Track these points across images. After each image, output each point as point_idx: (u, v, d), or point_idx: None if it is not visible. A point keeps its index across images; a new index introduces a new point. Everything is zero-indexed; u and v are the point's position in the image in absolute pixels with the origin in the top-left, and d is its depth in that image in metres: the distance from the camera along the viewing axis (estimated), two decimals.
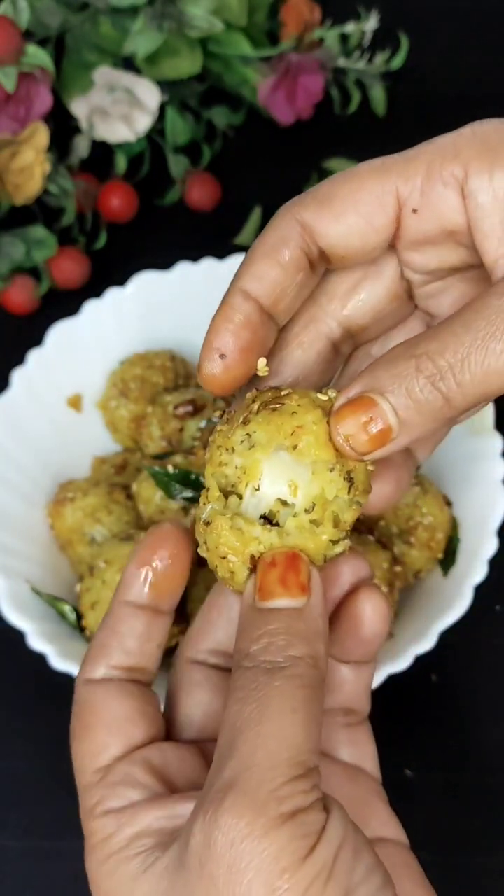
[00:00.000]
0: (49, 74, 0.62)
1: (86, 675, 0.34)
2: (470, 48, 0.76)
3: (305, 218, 0.34)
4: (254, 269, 0.34)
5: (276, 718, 0.28)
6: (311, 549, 0.31)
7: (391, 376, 0.30)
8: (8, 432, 0.55)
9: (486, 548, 0.50)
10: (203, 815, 0.27)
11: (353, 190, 0.34)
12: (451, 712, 0.54)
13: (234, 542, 0.32)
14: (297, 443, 0.31)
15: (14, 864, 0.51)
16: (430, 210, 0.33)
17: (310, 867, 0.26)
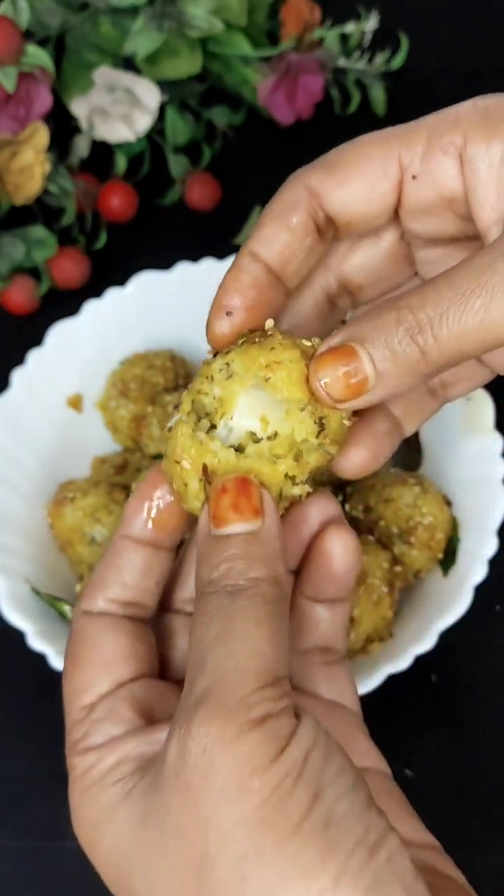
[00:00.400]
0: (49, 74, 0.62)
1: (83, 607, 0.34)
2: (470, 48, 0.76)
3: (312, 183, 0.35)
4: (263, 233, 0.35)
5: (242, 633, 0.29)
6: (266, 476, 0.32)
7: (372, 327, 0.31)
8: (8, 432, 0.55)
9: (487, 548, 0.50)
10: (178, 730, 0.28)
11: (357, 157, 0.35)
12: (451, 712, 0.54)
13: (190, 448, 0.32)
14: (270, 375, 0.32)
15: (14, 865, 0.51)
16: (429, 177, 0.34)
17: (279, 767, 0.27)
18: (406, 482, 0.52)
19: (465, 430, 0.54)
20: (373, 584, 0.49)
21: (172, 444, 0.33)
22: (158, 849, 0.28)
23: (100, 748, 0.32)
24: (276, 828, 0.26)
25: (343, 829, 0.27)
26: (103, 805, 0.30)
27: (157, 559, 0.35)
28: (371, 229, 0.37)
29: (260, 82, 0.69)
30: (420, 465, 0.56)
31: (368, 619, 0.49)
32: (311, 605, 0.37)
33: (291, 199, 0.35)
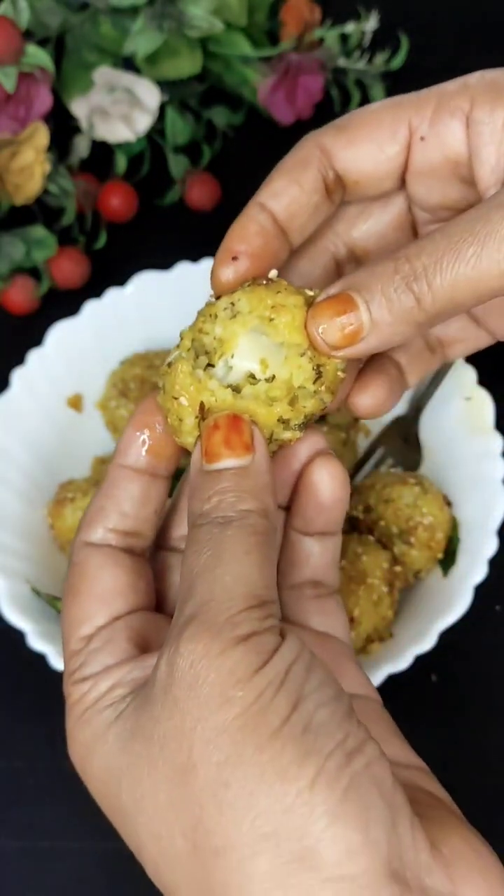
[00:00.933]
0: (49, 74, 0.62)
1: (83, 537, 0.35)
2: (470, 48, 0.76)
3: (324, 142, 0.36)
4: (273, 186, 0.37)
5: (230, 560, 0.30)
6: (260, 417, 0.33)
7: (369, 275, 0.32)
8: (8, 432, 0.55)
9: (487, 548, 0.50)
10: (167, 649, 0.29)
11: (369, 119, 0.36)
12: (451, 712, 0.54)
13: (188, 385, 0.33)
14: (274, 317, 0.33)
15: (14, 864, 0.51)
16: (436, 138, 0.36)
17: (261, 678, 0.28)
18: (406, 482, 0.52)
19: (466, 430, 0.54)
20: (373, 584, 0.49)
21: (171, 379, 0.33)
22: (146, 760, 0.29)
23: (95, 676, 0.33)
24: (255, 734, 0.27)
25: (321, 734, 0.28)
26: (96, 727, 0.32)
27: (155, 487, 0.35)
28: (379, 192, 0.38)
29: (260, 82, 0.69)
30: (420, 465, 0.56)
31: (368, 619, 0.49)
32: (301, 538, 0.38)
33: (303, 155, 0.36)
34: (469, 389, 0.55)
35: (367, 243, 0.39)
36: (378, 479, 0.53)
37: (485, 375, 0.55)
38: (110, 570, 0.34)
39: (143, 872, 0.49)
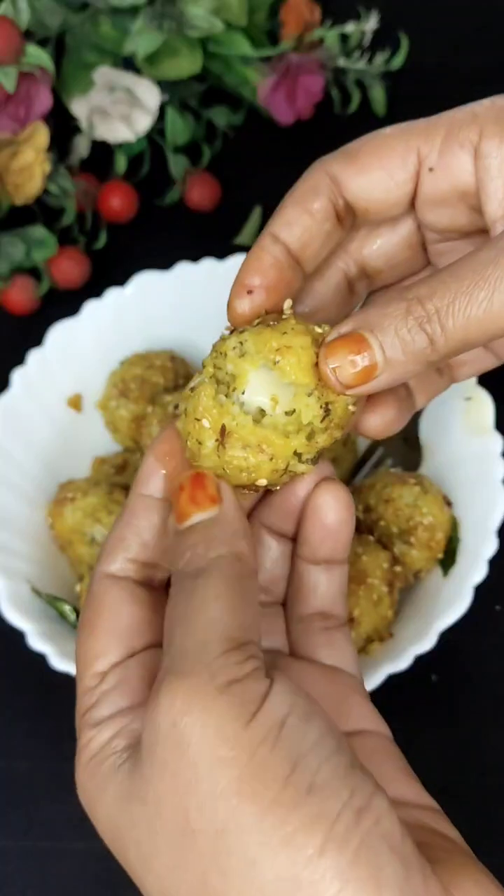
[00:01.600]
0: (49, 74, 0.62)
1: (103, 568, 0.35)
2: (470, 48, 0.76)
3: (334, 170, 0.37)
4: (284, 216, 0.37)
5: (200, 607, 0.30)
6: (278, 448, 0.33)
7: (382, 315, 0.32)
8: (8, 432, 0.55)
9: (487, 548, 0.50)
10: (150, 706, 0.28)
11: (378, 147, 0.37)
12: (452, 712, 0.54)
13: (211, 409, 0.33)
14: (279, 359, 0.33)
15: (14, 865, 0.51)
16: (445, 170, 0.36)
17: (252, 733, 0.27)
18: (406, 482, 0.52)
19: (466, 430, 0.54)
20: (373, 584, 0.49)
21: (194, 402, 0.34)
22: (144, 823, 0.28)
23: (103, 721, 0.32)
24: (255, 799, 0.26)
25: (327, 794, 0.26)
26: (99, 778, 0.31)
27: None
28: (388, 218, 0.38)
29: (260, 82, 0.69)
30: (420, 465, 0.56)
31: (368, 619, 0.49)
32: (308, 568, 0.38)
33: (313, 184, 0.37)
34: (469, 390, 0.55)
35: (379, 262, 0.39)
36: (378, 479, 0.53)
37: (485, 376, 0.55)
38: (128, 605, 0.34)
39: None
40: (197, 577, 0.31)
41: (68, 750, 0.53)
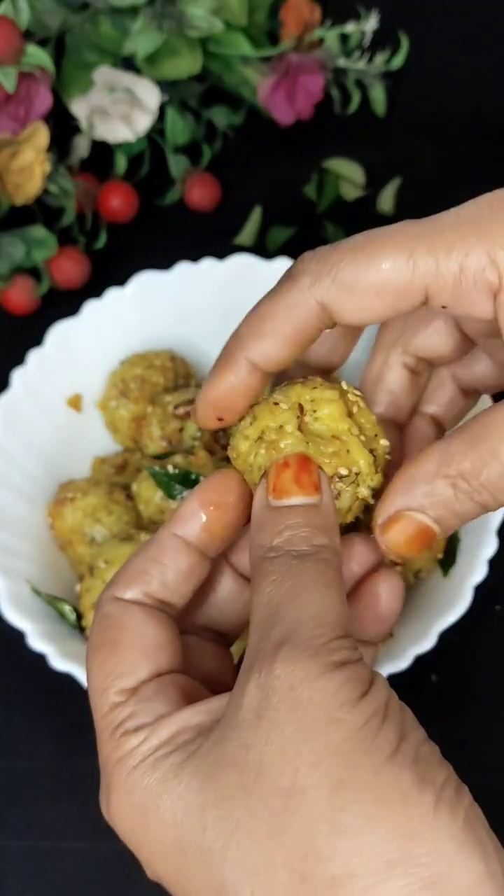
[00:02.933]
0: (49, 74, 0.62)
1: (115, 593, 0.34)
2: (470, 48, 0.76)
3: (327, 302, 0.33)
4: (264, 344, 0.34)
5: (314, 591, 0.30)
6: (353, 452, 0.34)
7: (430, 498, 0.33)
8: (8, 432, 0.55)
9: (487, 548, 0.50)
10: (256, 674, 0.28)
11: (378, 281, 0.32)
12: (451, 712, 0.54)
13: (270, 421, 0.34)
14: (316, 409, 0.35)
15: (14, 864, 0.51)
16: (460, 308, 0.33)
17: (366, 705, 0.28)
18: None
19: None
20: None
21: (258, 412, 0.35)
22: (239, 790, 0.28)
23: (150, 726, 0.31)
24: (369, 756, 0.27)
25: (431, 767, 0.28)
26: (163, 772, 0.29)
27: (201, 566, 0.35)
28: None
29: (260, 82, 0.69)
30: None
31: None
32: None
33: (300, 320, 0.34)
34: None
35: (429, 354, 0.39)
36: None
37: None
38: (149, 623, 0.33)
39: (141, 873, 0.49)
40: (304, 560, 0.31)
41: (68, 750, 0.53)
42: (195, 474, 0.51)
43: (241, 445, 0.35)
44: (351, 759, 0.27)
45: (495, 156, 0.71)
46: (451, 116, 0.73)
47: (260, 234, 0.69)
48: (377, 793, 0.26)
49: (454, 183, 0.70)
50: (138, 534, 0.50)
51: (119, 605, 0.33)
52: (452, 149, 0.72)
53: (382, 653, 0.49)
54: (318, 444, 0.34)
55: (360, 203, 0.70)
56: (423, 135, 0.72)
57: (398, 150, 0.72)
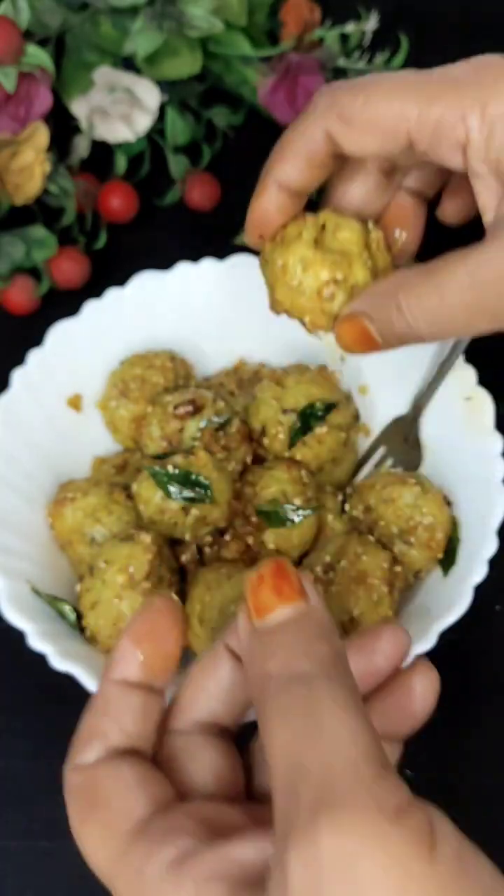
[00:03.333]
0: (49, 74, 0.62)
1: (75, 762, 0.32)
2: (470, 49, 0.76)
3: (332, 131, 0.41)
4: (287, 166, 0.43)
5: (334, 723, 0.26)
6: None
7: (378, 312, 0.42)
8: (8, 432, 0.55)
9: (487, 548, 0.50)
10: (298, 848, 0.24)
11: (371, 119, 0.40)
12: (451, 712, 0.54)
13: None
14: (337, 230, 0.43)
15: (14, 865, 0.51)
16: (437, 156, 0.41)
17: (441, 869, 0.24)
18: (406, 482, 0.52)
19: (466, 430, 0.54)
20: (373, 584, 0.49)
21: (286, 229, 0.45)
22: None
23: (182, 864, 0.27)
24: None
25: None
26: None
27: (153, 702, 0.32)
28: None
29: (260, 82, 0.69)
30: (420, 465, 0.57)
31: (369, 619, 0.49)
32: None
33: (312, 142, 0.42)
34: (469, 390, 0.55)
35: (402, 160, 0.45)
36: (378, 479, 0.53)
37: (485, 376, 0.56)
38: (126, 768, 0.31)
39: None
40: (310, 683, 0.27)
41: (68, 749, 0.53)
42: (195, 474, 0.51)
43: (265, 248, 0.45)
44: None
45: None
46: None
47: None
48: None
49: None
50: (138, 534, 0.50)
51: (82, 771, 0.32)
52: None
53: None
54: (324, 252, 0.43)
55: None
56: None
57: None
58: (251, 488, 0.53)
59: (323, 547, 0.53)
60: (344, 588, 0.49)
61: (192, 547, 0.53)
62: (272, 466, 0.54)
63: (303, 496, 0.53)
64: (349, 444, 0.57)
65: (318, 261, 0.42)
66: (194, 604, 0.50)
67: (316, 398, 0.54)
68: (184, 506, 0.51)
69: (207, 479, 0.51)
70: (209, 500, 0.51)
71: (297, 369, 0.55)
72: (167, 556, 0.51)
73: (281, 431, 0.54)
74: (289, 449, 0.54)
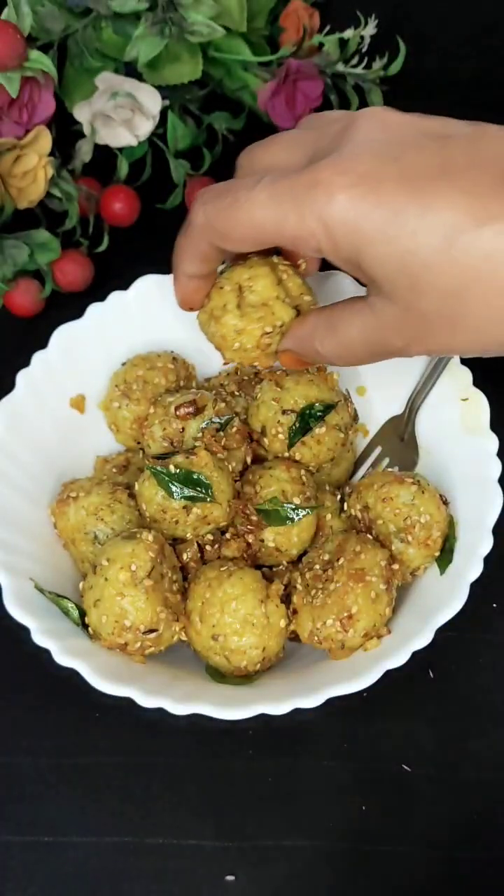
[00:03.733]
0: (52, 79, 0.62)
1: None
2: (467, 54, 0.77)
3: (214, 242, 0.48)
4: (187, 265, 0.50)
5: None
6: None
7: (301, 348, 0.50)
8: (12, 433, 0.55)
9: (483, 545, 0.50)
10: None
11: (242, 235, 0.47)
12: (449, 708, 0.54)
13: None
14: (252, 284, 0.50)
15: (17, 860, 0.51)
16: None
17: None
18: (403, 481, 0.53)
19: (462, 430, 0.55)
20: (371, 582, 0.50)
21: (212, 302, 0.51)
22: None
23: None
24: None
25: None
26: None
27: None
28: None
29: (260, 87, 0.70)
30: (417, 465, 0.57)
31: (366, 616, 0.49)
32: None
33: (200, 248, 0.49)
34: (465, 390, 0.55)
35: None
36: (376, 479, 0.54)
37: (481, 377, 0.56)
38: None
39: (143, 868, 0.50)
40: None
41: (70, 745, 0.54)
42: (196, 474, 0.51)
43: (200, 318, 0.52)
44: None
45: None
46: None
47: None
48: None
49: None
50: (140, 532, 0.51)
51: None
52: None
53: (380, 649, 0.49)
54: (249, 314, 0.50)
55: None
56: None
57: None
58: (251, 488, 0.54)
59: (322, 545, 0.53)
60: (342, 585, 0.49)
61: (194, 545, 0.53)
62: (272, 466, 0.55)
63: (302, 495, 0.53)
64: (347, 444, 0.57)
65: (247, 325, 0.50)
66: (195, 601, 0.51)
67: (315, 399, 0.54)
68: (185, 505, 0.51)
69: (208, 478, 0.51)
70: (210, 500, 0.51)
71: (295, 371, 0.56)
72: (169, 555, 0.52)
73: (280, 432, 0.54)
74: (288, 449, 0.55)
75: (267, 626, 0.50)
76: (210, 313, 0.51)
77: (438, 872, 0.51)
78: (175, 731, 0.51)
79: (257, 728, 0.49)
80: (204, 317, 0.52)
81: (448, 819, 0.52)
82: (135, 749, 0.53)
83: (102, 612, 0.49)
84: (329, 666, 0.50)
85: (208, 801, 0.52)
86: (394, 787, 0.53)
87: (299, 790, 0.52)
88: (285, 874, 0.51)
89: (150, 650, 0.50)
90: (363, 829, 0.51)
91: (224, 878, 0.51)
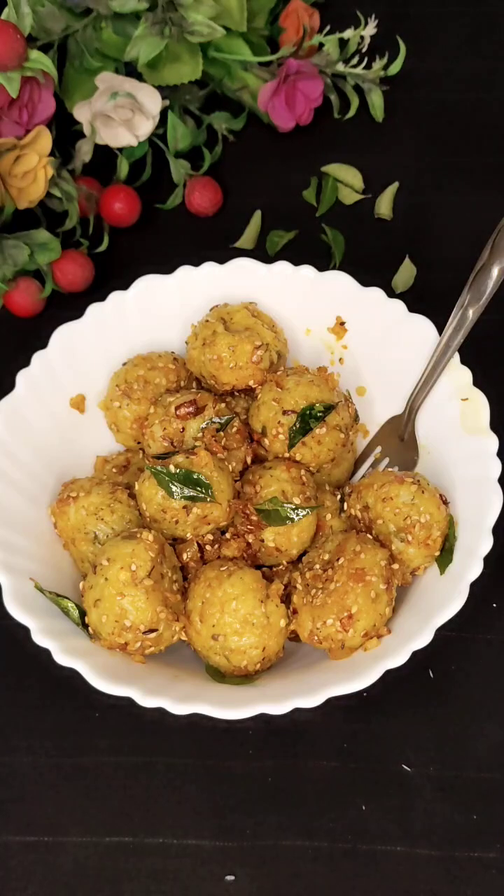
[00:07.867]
0: (52, 79, 0.62)
1: None
2: (466, 54, 0.77)
3: None
4: None
5: None
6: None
7: None
8: (13, 433, 0.55)
9: (482, 545, 0.50)
10: None
11: None
12: (448, 707, 0.54)
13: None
14: (232, 318, 0.58)
15: (16, 859, 0.51)
16: None
17: None
18: (403, 481, 0.53)
19: (462, 430, 0.55)
20: (371, 582, 0.50)
21: (202, 333, 0.57)
22: None
23: None
24: None
25: None
26: None
27: None
28: None
29: (260, 87, 0.70)
30: (417, 465, 0.57)
31: (367, 616, 0.49)
32: None
33: None
34: (465, 391, 0.55)
35: None
36: (376, 479, 0.54)
37: (480, 378, 0.56)
38: None
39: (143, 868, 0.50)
40: None
41: (70, 745, 0.54)
42: (196, 473, 0.51)
43: (192, 354, 0.57)
44: None
45: (492, 160, 0.72)
46: (449, 121, 0.74)
47: (260, 238, 0.69)
48: None
49: (451, 187, 0.71)
50: (140, 532, 0.51)
51: None
52: (449, 153, 0.72)
53: (380, 649, 0.49)
54: (238, 333, 0.56)
55: (359, 207, 0.70)
56: (421, 139, 0.73)
57: (396, 155, 0.72)
58: (251, 488, 0.54)
59: (322, 545, 0.53)
60: (342, 585, 0.50)
61: (194, 545, 0.53)
62: (272, 466, 0.55)
63: (302, 495, 0.54)
64: (348, 445, 0.57)
65: (238, 342, 0.56)
66: (195, 601, 0.51)
67: (315, 399, 0.54)
68: (185, 504, 0.51)
69: (208, 478, 0.51)
70: (210, 499, 0.51)
71: (296, 371, 0.56)
72: (169, 554, 0.52)
73: (281, 432, 0.54)
74: (289, 449, 0.55)
75: (267, 625, 0.50)
76: (202, 342, 0.57)
77: (438, 872, 0.51)
78: (175, 731, 0.51)
79: (257, 728, 0.49)
80: (195, 352, 0.57)
81: (448, 819, 0.52)
82: (135, 749, 0.53)
83: (102, 612, 0.49)
84: (329, 666, 0.50)
85: (208, 801, 0.52)
86: (394, 787, 0.53)
87: (299, 790, 0.52)
88: (285, 874, 0.51)
89: (150, 650, 0.50)
90: (363, 829, 0.51)
91: (224, 878, 0.51)
